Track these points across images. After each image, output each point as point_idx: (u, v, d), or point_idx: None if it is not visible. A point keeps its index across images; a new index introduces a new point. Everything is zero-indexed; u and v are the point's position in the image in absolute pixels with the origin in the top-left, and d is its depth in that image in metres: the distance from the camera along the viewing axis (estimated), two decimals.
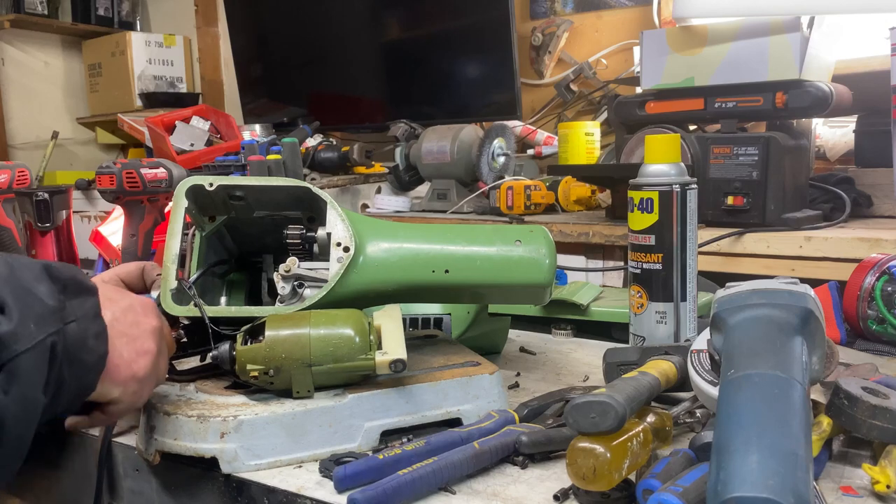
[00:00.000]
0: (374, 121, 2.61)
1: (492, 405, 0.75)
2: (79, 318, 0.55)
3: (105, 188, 1.29)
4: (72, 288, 0.55)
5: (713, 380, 0.68)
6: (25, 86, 3.56)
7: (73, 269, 0.57)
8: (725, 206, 1.42)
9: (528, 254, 0.82)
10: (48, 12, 3.50)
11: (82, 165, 3.62)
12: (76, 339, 0.54)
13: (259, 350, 0.68)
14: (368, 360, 0.69)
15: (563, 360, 1.01)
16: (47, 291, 0.53)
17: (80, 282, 0.57)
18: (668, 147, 0.89)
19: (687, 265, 0.88)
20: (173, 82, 3.48)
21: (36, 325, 0.51)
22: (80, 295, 0.56)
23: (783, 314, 0.59)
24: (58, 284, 0.54)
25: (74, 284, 0.56)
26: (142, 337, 0.63)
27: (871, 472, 0.59)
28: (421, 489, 0.60)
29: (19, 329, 0.49)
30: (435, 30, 2.47)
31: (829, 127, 1.79)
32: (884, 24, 1.45)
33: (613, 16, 2.34)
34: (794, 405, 0.50)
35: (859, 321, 1.01)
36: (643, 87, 1.56)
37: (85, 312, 0.56)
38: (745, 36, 1.41)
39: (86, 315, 0.56)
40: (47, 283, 0.54)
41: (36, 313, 0.51)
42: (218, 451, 0.66)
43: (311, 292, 0.77)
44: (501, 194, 1.83)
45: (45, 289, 0.53)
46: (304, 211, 0.84)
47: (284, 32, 2.86)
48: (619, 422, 0.55)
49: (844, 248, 1.28)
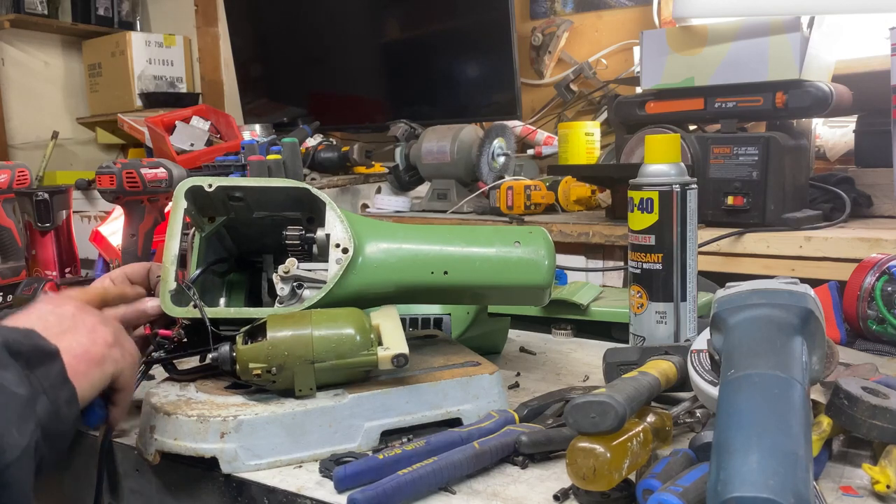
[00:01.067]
0: (374, 121, 2.61)
1: (492, 405, 0.75)
2: (47, 390, 0.54)
3: (105, 188, 1.30)
4: (35, 358, 0.54)
5: (713, 380, 0.68)
6: (25, 86, 3.56)
7: (30, 336, 0.55)
8: (725, 206, 1.42)
9: (527, 255, 0.83)
10: (48, 12, 3.50)
11: (82, 165, 3.62)
12: (50, 414, 0.53)
13: (261, 348, 0.68)
14: (371, 356, 0.69)
15: (563, 360, 1.01)
16: (15, 378, 0.52)
17: (40, 348, 0.55)
18: (668, 147, 0.89)
19: (687, 265, 0.88)
20: (173, 82, 3.48)
21: (18, 429, 0.50)
22: (43, 363, 0.55)
23: (783, 314, 0.59)
24: (21, 360, 0.53)
25: (36, 353, 0.55)
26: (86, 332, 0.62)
27: (871, 472, 0.59)
28: (421, 489, 0.60)
29: (5, 440, 0.48)
30: (435, 30, 2.47)
31: (829, 127, 1.79)
32: (884, 24, 1.45)
33: (613, 16, 2.34)
34: (794, 405, 0.50)
35: (859, 321, 1.01)
36: (643, 87, 1.56)
37: (52, 382, 0.55)
38: (745, 36, 1.41)
39: (53, 385, 0.55)
40: (13, 367, 0.52)
41: (16, 415, 0.50)
42: (218, 451, 0.66)
43: (310, 293, 0.77)
44: (501, 194, 1.83)
45: (12, 376, 0.52)
46: (303, 212, 0.84)
47: (284, 32, 2.86)
48: (619, 422, 0.55)
49: (844, 248, 1.28)
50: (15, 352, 0.53)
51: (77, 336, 0.61)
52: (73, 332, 0.61)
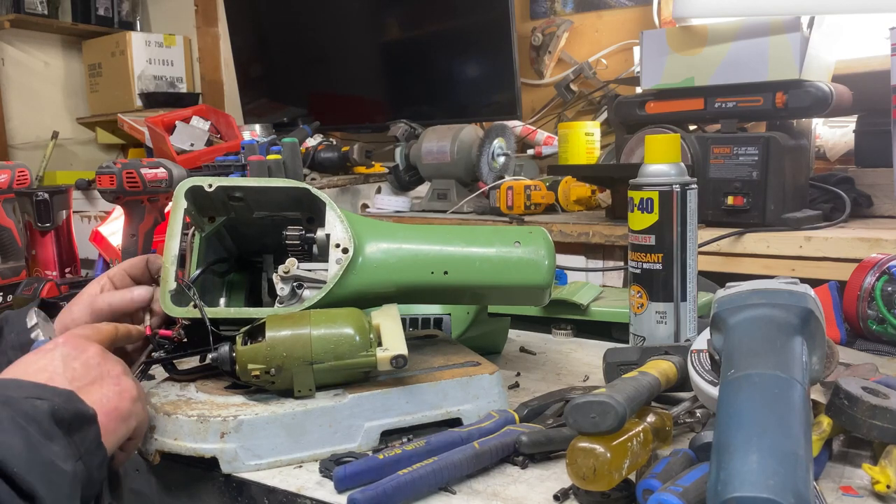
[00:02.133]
0: (374, 121, 2.61)
1: (492, 405, 0.75)
2: (83, 455, 0.54)
3: (105, 188, 1.30)
4: (75, 423, 0.55)
5: (713, 380, 0.68)
6: (25, 86, 3.56)
7: (71, 400, 0.56)
8: (725, 206, 1.42)
9: (527, 255, 0.82)
10: (48, 12, 3.50)
11: (82, 165, 3.62)
12: (84, 480, 0.54)
13: (260, 349, 0.68)
14: (370, 357, 0.69)
15: (563, 360, 1.01)
16: (63, 452, 0.52)
17: (80, 413, 0.56)
18: (668, 147, 0.89)
19: (687, 265, 0.88)
20: (173, 82, 3.48)
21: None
22: (82, 428, 0.55)
23: (783, 314, 0.59)
24: (63, 427, 0.54)
25: (77, 419, 0.55)
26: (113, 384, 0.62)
27: (871, 472, 0.59)
28: (421, 489, 0.60)
29: None
30: (435, 30, 2.47)
31: (829, 127, 1.79)
32: (884, 24, 1.45)
33: (613, 16, 2.34)
34: (794, 405, 0.50)
35: (859, 321, 1.01)
36: (643, 87, 1.56)
37: (87, 447, 0.55)
38: (745, 36, 1.41)
39: (88, 450, 0.55)
40: (59, 439, 0.53)
41: (65, 495, 0.51)
42: (218, 451, 0.66)
43: (310, 293, 0.77)
44: (501, 194, 1.83)
45: (59, 449, 0.52)
46: (303, 212, 0.84)
47: (284, 32, 2.86)
48: (619, 422, 0.55)
49: (844, 248, 1.28)
50: (59, 419, 0.53)
51: (104, 389, 0.61)
52: (100, 383, 0.61)
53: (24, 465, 0.48)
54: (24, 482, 0.48)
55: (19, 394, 0.54)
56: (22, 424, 0.51)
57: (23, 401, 0.53)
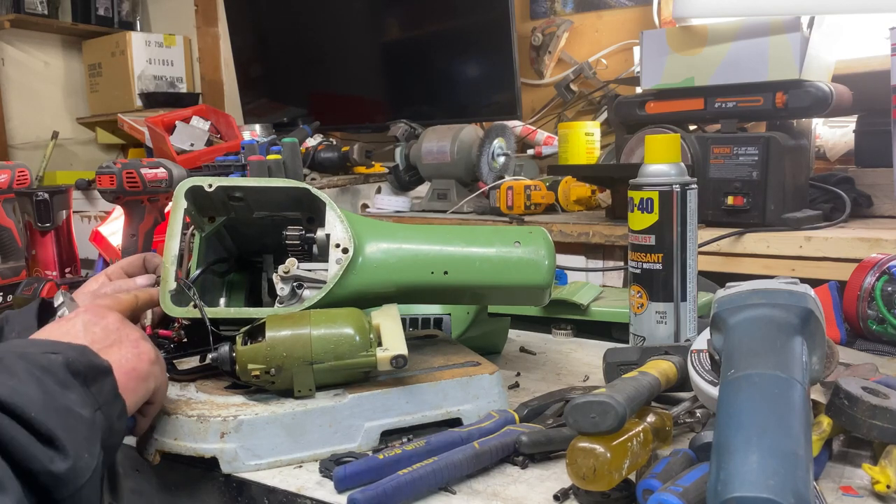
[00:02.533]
0: (374, 121, 2.61)
1: (492, 405, 0.75)
2: (102, 406, 0.56)
3: (105, 188, 1.30)
4: (91, 375, 0.56)
5: (713, 380, 0.68)
6: (25, 86, 3.56)
7: (85, 353, 0.57)
8: (725, 206, 1.42)
9: (527, 255, 0.82)
10: (48, 12, 3.50)
11: (82, 165, 3.62)
12: (105, 430, 0.55)
13: (260, 349, 0.68)
14: (370, 357, 0.69)
15: (563, 360, 1.01)
16: (79, 399, 0.53)
17: (95, 365, 0.57)
18: (668, 147, 0.89)
19: (687, 265, 0.88)
20: (173, 82, 3.48)
21: (88, 451, 0.52)
22: (98, 379, 0.57)
23: (783, 314, 0.59)
24: (79, 378, 0.55)
25: (92, 370, 0.56)
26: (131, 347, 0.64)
27: (871, 472, 0.59)
28: (421, 489, 0.60)
29: (78, 464, 0.50)
30: (435, 30, 2.47)
31: (829, 127, 1.79)
32: (884, 24, 1.45)
33: (613, 16, 2.34)
34: (794, 405, 0.50)
35: (859, 321, 1.01)
36: (643, 87, 1.56)
37: (105, 398, 0.56)
38: (745, 36, 1.41)
39: (107, 401, 0.56)
40: (75, 388, 0.54)
41: (84, 437, 0.52)
42: (218, 451, 0.66)
43: (310, 293, 0.77)
44: (501, 194, 1.83)
45: (76, 397, 0.53)
46: (303, 212, 0.84)
47: (284, 32, 2.86)
48: (619, 422, 0.55)
49: (844, 248, 1.28)
50: (74, 371, 0.55)
51: (123, 351, 0.62)
52: (119, 346, 0.63)
53: (41, 410, 0.49)
54: (43, 426, 0.49)
55: (36, 349, 0.55)
56: (38, 375, 0.52)
57: (38, 355, 0.54)
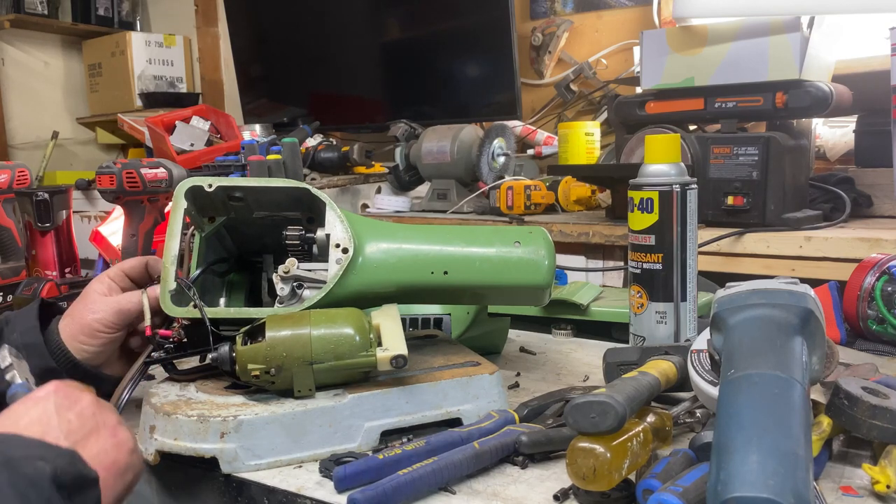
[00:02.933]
0: (374, 121, 2.61)
1: (492, 405, 0.75)
2: None
3: (105, 188, 1.30)
4: (76, 487, 0.54)
5: (713, 380, 0.68)
6: (25, 86, 3.56)
7: (73, 462, 0.55)
8: (725, 206, 1.42)
9: (527, 255, 0.82)
10: (48, 12, 3.49)
11: (82, 165, 3.62)
12: None
13: (260, 349, 0.68)
14: (370, 357, 0.69)
15: (563, 360, 1.01)
16: None
17: (82, 476, 0.55)
18: (668, 147, 0.89)
19: (687, 265, 0.88)
20: (173, 82, 3.48)
21: None
22: (83, 491, 0.55)
23: (783, 314, 0.59)
24: (63, 492, 0.53)
25: (78, 481, 0.55)
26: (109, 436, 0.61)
27: (871, 472, 0.59)
28: (421, 489, 0.60)
29: None
30: (435, 30, 2.47)
31: (829, 127, 1.79)
32: (884, 24, 1.45)
33: (613, 16, 2.34)
34: (794, 405, 0.50)
35: (859, 321, 1.01)
36: (643, 87, 1.56)
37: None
38: (745, 36, 1.41)
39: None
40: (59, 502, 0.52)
41: None
42: (218, 451, 0.66)
43: (310, 293, 0.77)
44: (501, 194, 1.83)
45: None
46: (303, 212, 0.84)
47: (284, 32, 2.86)
48: (619, 422, 0.55)
49: (844, 248, 1.28)
50: (60, 484, 0.53)
51: (101, 441, 0.59)
52: (96, 435, 0.59)
53: None
54: None
55: (21, 453, 0.53)
56: (21, 490, 0.50)
57: (24, 462, 0.52)
